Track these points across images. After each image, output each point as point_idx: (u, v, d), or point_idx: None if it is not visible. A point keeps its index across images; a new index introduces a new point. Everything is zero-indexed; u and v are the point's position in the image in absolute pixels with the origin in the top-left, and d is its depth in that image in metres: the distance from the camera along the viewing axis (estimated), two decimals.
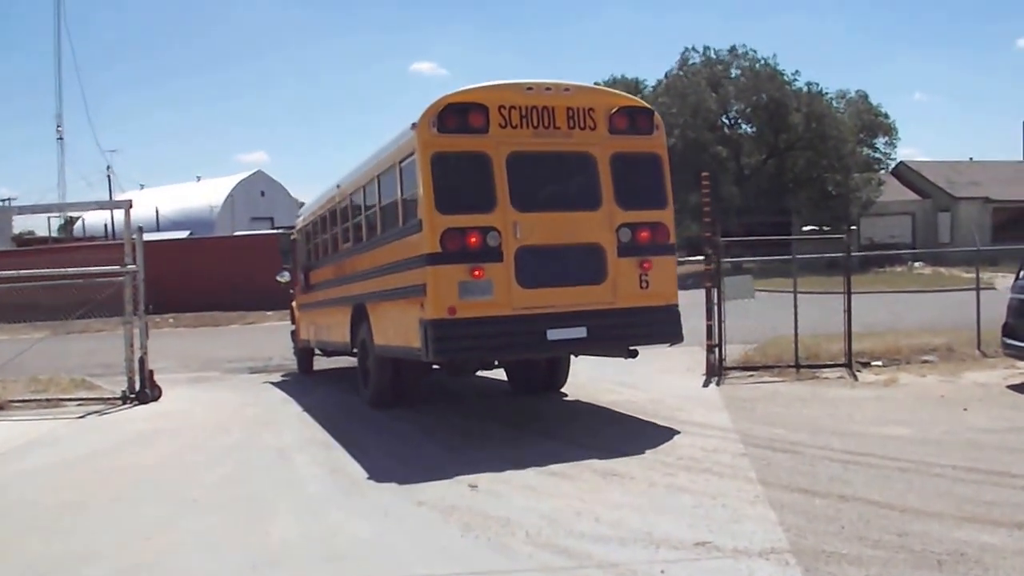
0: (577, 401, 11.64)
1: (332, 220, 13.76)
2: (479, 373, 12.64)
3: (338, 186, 13.18)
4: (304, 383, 15.20)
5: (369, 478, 7.85)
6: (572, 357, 11.69)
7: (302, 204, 37.03)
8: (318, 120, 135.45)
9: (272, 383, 15.26)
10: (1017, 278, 12.26)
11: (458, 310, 8.88)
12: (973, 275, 16.53)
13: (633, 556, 5.53)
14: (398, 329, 10.09)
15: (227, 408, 12.49)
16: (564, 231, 9.35)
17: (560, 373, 12.16)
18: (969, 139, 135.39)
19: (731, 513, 6.33)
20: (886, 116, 50.78)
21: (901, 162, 54.56)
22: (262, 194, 62.01)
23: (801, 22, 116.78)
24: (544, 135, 9.36)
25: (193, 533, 6.46)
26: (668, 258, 9.83)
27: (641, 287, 9.54)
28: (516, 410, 11.30)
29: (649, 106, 10.20)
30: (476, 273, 8.92)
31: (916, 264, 40.68)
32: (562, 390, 12.20)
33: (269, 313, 29.58)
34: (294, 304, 17.53)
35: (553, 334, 9.13)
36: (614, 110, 9.66)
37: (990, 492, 6.69)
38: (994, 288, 17.50)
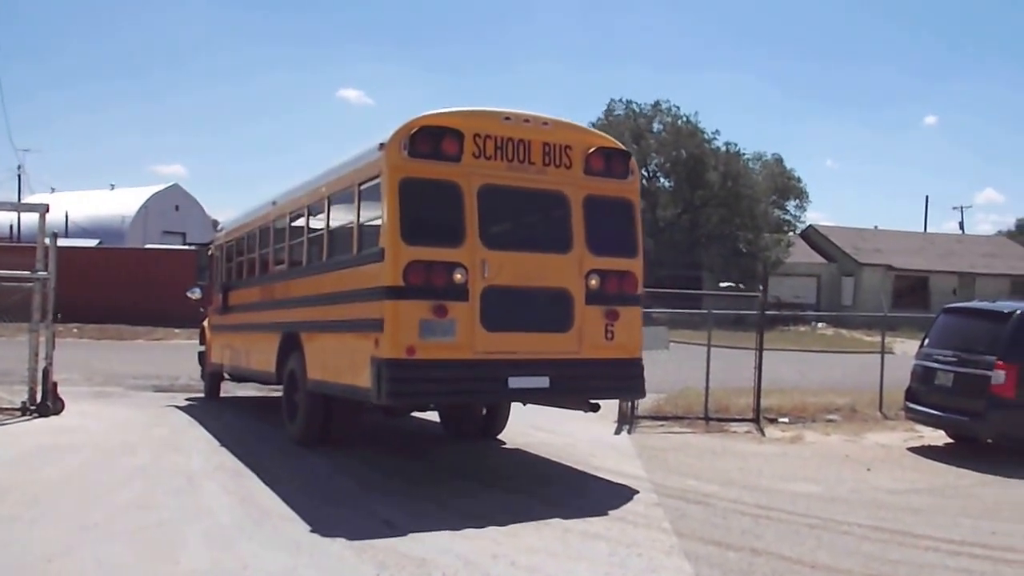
0: (494, 443, 11.57)
1: (263, 238, 12.90)
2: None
3: (274, 203, 12.38)
4: (212, 407, 14.77)
5: (281, 510, 7.67)
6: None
7: (216, 222, 36.28)
8: (239, 136, 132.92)
9: (178, 405, 14.80)
10: (922, 345, 12.72)
11: (417, 350, 8.23)
12: (873, 338, 17.10)
13: None
14: (341, 365, 9.41)
15: (133, 427, 12.08)
16: (532, 273, 8.83)
17: (499, 419, 11.68)
18: (875, 208, 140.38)
19: (647, 563, 6.38)
20: (799, 180, 52.61)
21: (810, 225, 56.35)
22: (176, 208, 60.63)
23: (725, 84, 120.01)
24: (518, 169, 8.86)
25: (97, 560, 6.17)
26: (635, 309, 9.41)
27: (607, 338, 9.06)
28: (432, 449, 11.23)
29: (627, 149, 9.79)
30: (439, 312, 8.31)
31: (819, 325, 41.84)
32: (493, 435, 11.75)
33: (177, 331, 28.91)
34: (205, 324, 16.57)
35: (515, 382, 8.59)
36: (591, 150, 9.20)
37: (895, 551, 6.90)
38: (893, 353, 18.08)
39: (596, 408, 9.64)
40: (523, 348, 8.69)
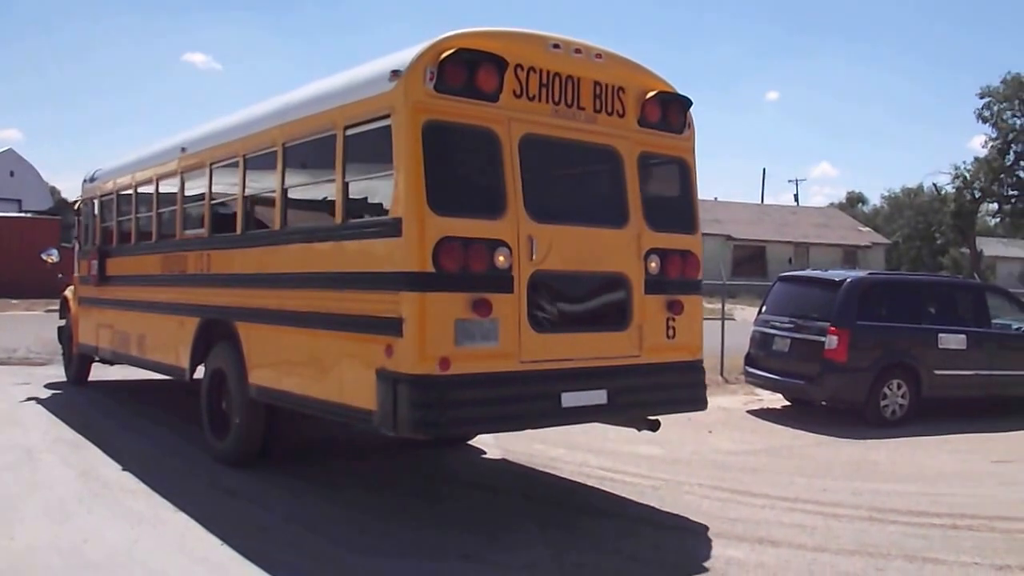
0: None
1: (166, 194, 10.04)
2: None
3: (184, 149, 9.49)
4: (53, 380, 13.85)
5: (124, 482, 7.46)
6: None
7: (53, 188, 34.28)
8: (80, 102, 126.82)
9: (16, 378, 13.96)
10: (760, 312, 13.30)
11: (453, 362, 5.96)
12: (713, 305, 17.62)
13: (398, 567, 5.65)
14: (315, 373, 7.03)
15: None
16: (586, 254, 6.74)
17: None
18: (715, 180, 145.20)
19: (492, 525, 6.53)
20: None
21: None
22: (11, 174, 57.32)
23: None
24: (565, 116, 6.70)
25: None
26: (697, 299, 7.51)
27: (668, 336, 7.14)
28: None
29: (686, 96, 7.57)
30: (481, 308, 6.08)
31: None
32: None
33: (14, 301, 27.45)
34: (69, 294, 13.72)
35: (569, 399, 6.48)
36: (649, 95, 7.16)
37: (734, 509, 7.25)
38: (733, 319, 18.80)
39: (656, 426, 7.45)
40: (577, 354, 6.64)
